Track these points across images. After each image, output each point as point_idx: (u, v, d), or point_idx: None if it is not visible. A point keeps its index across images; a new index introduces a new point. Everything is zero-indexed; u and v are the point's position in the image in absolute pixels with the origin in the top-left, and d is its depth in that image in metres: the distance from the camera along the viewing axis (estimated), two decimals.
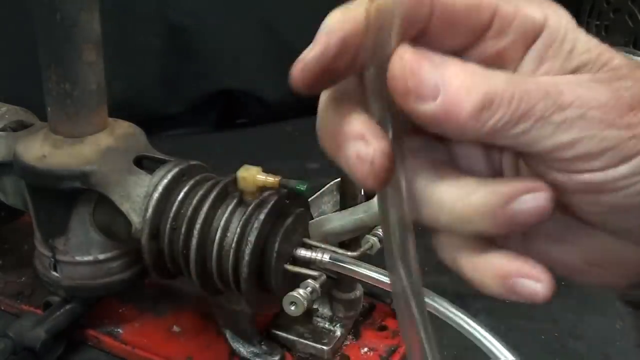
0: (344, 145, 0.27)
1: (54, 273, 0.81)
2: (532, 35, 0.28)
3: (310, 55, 0.28)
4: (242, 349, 0.82)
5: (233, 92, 1.46)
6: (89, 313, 0.86)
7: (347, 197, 0.79)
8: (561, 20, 0.28)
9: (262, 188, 0.70)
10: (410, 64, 0.25)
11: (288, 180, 0.70)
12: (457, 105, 0.25)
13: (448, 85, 0.25)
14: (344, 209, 0.79)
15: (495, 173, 0.31)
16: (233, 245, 0.69)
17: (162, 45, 1.38)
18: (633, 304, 0.58)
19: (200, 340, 0.85)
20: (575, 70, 0.28)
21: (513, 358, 0.55)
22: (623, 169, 0.26)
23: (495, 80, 0.26)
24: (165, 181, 0.74)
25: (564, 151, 0.26)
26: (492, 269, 0.29)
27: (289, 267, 0.71)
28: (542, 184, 0.27)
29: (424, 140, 0.31)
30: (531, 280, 0.28)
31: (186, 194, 0.74)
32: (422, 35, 0.27)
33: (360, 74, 0.28)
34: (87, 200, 0.77)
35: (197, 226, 0.71)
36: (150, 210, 0.73)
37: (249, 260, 0.69)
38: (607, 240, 0.30)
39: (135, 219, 0.74)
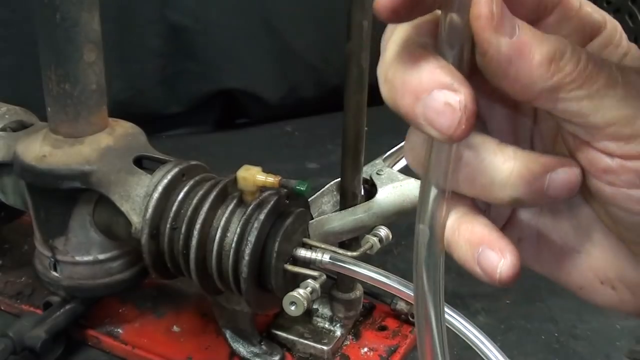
0: (424, 96, 0.26)
1: (54, 273, 0.81)
2: (590, 32, 0.29)
3: None
4: (242, 349, 0.82)
5: (233, 92, 1.46)
6: (89, 313, 0.86)
7: (347, 197, 0.79)
8: (617, 27, 0.29)
9: (262, 188, 0.70)
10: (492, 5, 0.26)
11: (288, 180, 0.70)
12: (530, 48, 0.26)
13: (523, 30, 0.26)
14: (344, 209, 0.79)
15: None
16: (233, 245, 0.69)
17: (162, 45, 1.38)
18: None
19: (200, 340, 0.85)
20: None
21: None
22: None
23: (565, 42, 0.26)
24: (165, 181, 0.74)
25: (624, 126, 0.26)
26: (469, 233, 0.29)
27: (289, 267, 0.71)
28: (573, 161, 0.28)
29: None
30: (496, 254, 0.28)
31: (186, 194, 0.74)
32: None
33: (434, 24, 0.28)
34: (87, 200, 0.77)
35: (197, 226, 0.71)
36: (150, 210, 0.73)
37: (249, 260, 0.69)
38: (624, 257, 0.30)
39: (135, 219, 0.74)
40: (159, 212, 0.73)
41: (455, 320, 0.57)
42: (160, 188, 0.74)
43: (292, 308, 0.68)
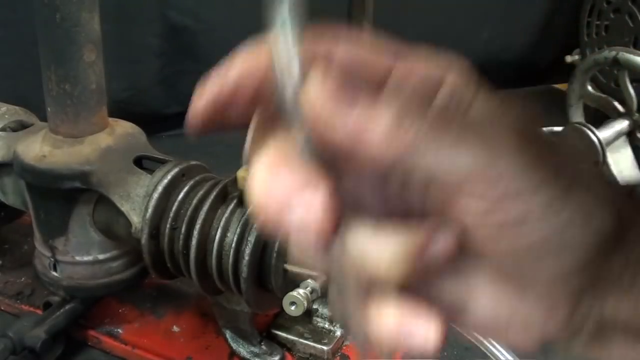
0: (285, 208, 0.26)
1: (54, 273, 0.81)
2: (429, 93, 0.28)
3: (199, 103, 0.28)
4: (242, 349, 0.82)
5: None
6: (89, 313, 0.86)
7: None
8: (458, 78, 0.28)
9: None
10: (321, 87, 0.25)
11: None
12: (369, 129, 0.25)
13: (359, 110, 0.25)
14: None
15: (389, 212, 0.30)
16: (233, 245, 0.69)
17: (162, 45, 1.38)
18: None
19: (200, 340, 0.85)
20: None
21: (511, 358, 0.54)
22: (538, 200, 0.26)
23: (406, 103, 0.26)
24: (165, 181, 0.74)
25: (480, 182, 0.26)
26: (385, 316, 0.28)
27: (289, 266, 0.71)
28: (447, 221, 0.27)
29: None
30: (423, 325, 0.27)
31: (186, 194, 0.74)
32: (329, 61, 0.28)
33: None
34: (87, 200, 0.77)
35: (197, 226, 0.71)
36: (150, 210, 0.73)
37: (249, 260, 0.69)
38: (509, 297, 0.29)
39: (135, 219, 0.74)
40: (159, 212, 0.73)
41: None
42: (160, 188, 0.74)
43: (292, 308, 0.68)
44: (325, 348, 0.82)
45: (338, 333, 0.84)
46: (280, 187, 0.26)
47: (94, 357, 0.86)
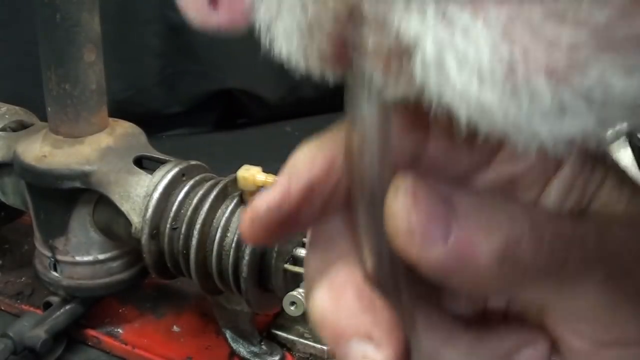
0: (343, 342, 0.21)
1: (54, 273, 0.81)
2: (538, 187, 0.23)
3: (263, 205, 0.22)
4: (242, 349, 0.82)
5: (233, 92, 1.46)
6: (89, 313, 0.86)
7: None
8: (576, 167, 0.23)
9: (262, 188, 0.70)
10: (412, 197, 0.19)
11: None
12: (474, 248, 0.19)
13: (461, 224, 0.19)
14: None
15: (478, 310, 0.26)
16: (233, 245, 0.69)
17: (162, 45, 1.38)
18: None
19: (200, 340, 0.85)
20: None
21: None
22: None
23: (519, 217, 0.20)
24: (165, 181, 0.74)
25: (600, 327, 0.21)
26: None
27: (289, 266, 0.71)
28: (541, 334, 0.23)
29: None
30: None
31: (186, 194, 0.74)
32: (417, 160, 0.22)
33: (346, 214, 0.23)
34: (87, 200, 0.77)
35: (197, 226, 0.71)
36: (150, 210, 0.73)
37: (249, 260, 0.69)
38: None
39: (135, 219, 0.74)
40: (159, 212, 0.73)
41: None
42: (160, 188, 0.74)
43: (292, 308, 0.68)
44: (325, 348, 0.82)
45: None
46: (343, 315, 0.21)
47: (94, 357, 0.86)
